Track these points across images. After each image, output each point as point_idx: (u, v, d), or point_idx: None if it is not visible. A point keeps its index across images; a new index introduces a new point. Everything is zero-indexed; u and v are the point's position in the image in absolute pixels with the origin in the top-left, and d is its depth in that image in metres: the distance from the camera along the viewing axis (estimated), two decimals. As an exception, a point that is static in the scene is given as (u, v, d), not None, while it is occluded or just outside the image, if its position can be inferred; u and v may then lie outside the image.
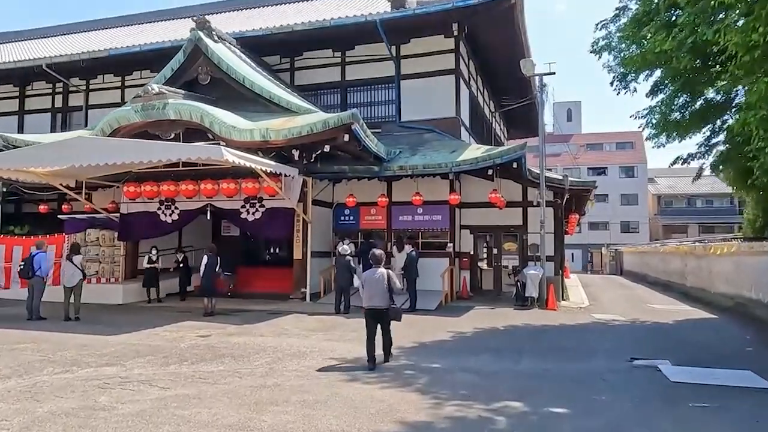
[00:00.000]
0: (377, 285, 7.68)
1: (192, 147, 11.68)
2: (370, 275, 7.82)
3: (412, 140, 17.06)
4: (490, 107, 24.77)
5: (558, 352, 8.93)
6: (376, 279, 7.73)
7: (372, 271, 7.90)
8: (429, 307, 13.98)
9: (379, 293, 7.66)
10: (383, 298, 7.66)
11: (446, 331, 10.67)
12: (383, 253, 8.45)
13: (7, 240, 19.29)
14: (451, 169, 14.56)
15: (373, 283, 7.72)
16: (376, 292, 7.67)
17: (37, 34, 28.47)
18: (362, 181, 16.95)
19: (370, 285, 7.73)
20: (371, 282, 7.74)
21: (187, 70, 16.22)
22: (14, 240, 19.26)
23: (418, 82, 18.17)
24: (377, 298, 7.67)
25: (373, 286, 7.70)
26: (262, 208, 15.68)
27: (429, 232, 17.07)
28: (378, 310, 7.69)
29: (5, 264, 18.69)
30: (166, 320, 11.69)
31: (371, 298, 7.71)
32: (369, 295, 7.72)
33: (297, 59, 19.51)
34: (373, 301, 7.69)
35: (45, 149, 12.61)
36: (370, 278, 7.79)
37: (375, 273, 7.82)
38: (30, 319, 11.98)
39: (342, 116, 13.19)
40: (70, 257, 12.85)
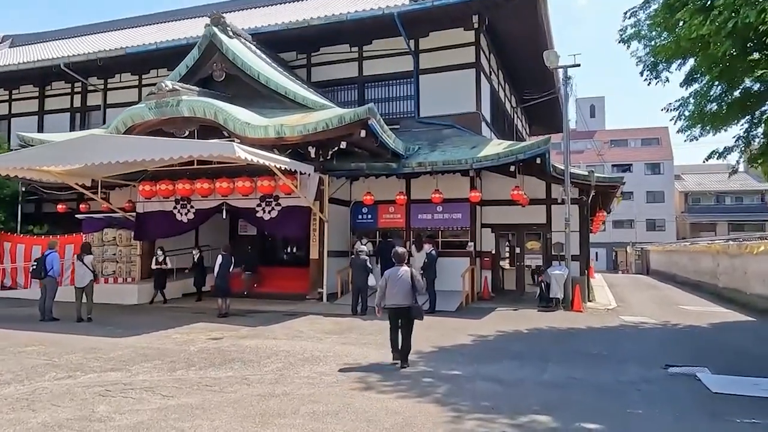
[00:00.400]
0: (401, 283, 7.62)
1: (203, 144, 11.38)
2: (394, 273, 7.74)
3: (432, 136, 16.58)
4: (511, 102, 24.13)
5: (586, 358, 8.39)
6: (399, 277, 7.66)
7: (395, 269, 7.82)
8: (449, 309, 13.50)
9: (403, 291, 7.60)
10: (406, 297, 7.61)
11: (467, 334, 10.19)
12: (405, 251, 8.28)
13: (27, 239, 19.35)
14: (472, 166, 14.04)
15: (396, 281, 7.64)
16: (399, 291, 7.60)
17: (56, 36, 28.61)
18: (380, 179, 16.52)
19: (393, 283, 7.65)
20: (394, 280, 7.66)
21: (202, 67, 15.96)
22: (33, 240, 19.34)
23: (437, 77, 17.67)
24: (400, 296, 7.61)
25: (396, 285, 7.63)
26: (278, 206, 15.37)
27: (449, 230, 16.57)
28: (400, 308, 7.63)
29: (25, 264, 18.75)
30: (179, 322, 11.42)
31: (394, 296, 7.63)
32: (392, 293, 7.64)
33: (314, 55, 19.16)
34: (395, 299, 7.62)
35: (56, 148, 12.43)
36: (393, 276, 7.70)
37: (398, 271, 7.74)
38: (42, 320, 11.82)
39: (358, 111, 12.78)
40: (81, 257, 12.65)
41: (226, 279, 12.75)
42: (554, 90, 21.81)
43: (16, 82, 22.97)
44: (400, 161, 14.63)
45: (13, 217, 20.15)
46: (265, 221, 15.62)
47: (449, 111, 17.28)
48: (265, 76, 15.11)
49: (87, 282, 12.46)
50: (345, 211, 17.14)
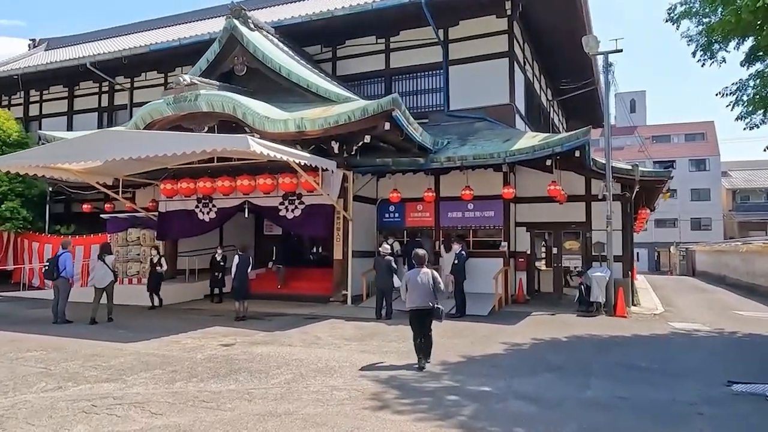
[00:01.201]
0: (422, 285, 7.50)
1: (217, 138, 10.82)
2: (414, 275, 7.61)
3: (462, 130, 15.69)
4: (547, 95, 23.00)
5: (635, 373, 7.42)
6: (420, 279, 7.53)
7: (416, 271, 7.68)
8: (480, 313, 12.61)
9: (424, 293, 7.48)
10: (428, 299, 7.48)
11: (499, 342, 9.30)
12: (426, 252, 8.02)
13: (54, 239, 19.25)
14: (505, 160, 13.11)
15: (417, 283, 7.52)
16: (420, 293, 7.48)
17: (88, 38, 28.74)
18: (407, 175, 15.72)
19: (414, 285, 7.54)
20: (415, 282, 7.54)
21: (223, 61, 15.48)
22: (60, 239, 19.24)
23: (467, 68, 16.77)
24: (422, 298, 7.48)
25: (417, 287, 7.51)
26: (302, 205, 14.74)
27: (481, 229, 15.66)
28: (423, 310, 7.51)
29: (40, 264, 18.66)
30: (194, 325, 10.87)
31: (415, 299, 7.51)
32: (413, 296, 7.53)
33: (339, 48, 18.50)
34: (417, 301, 7.50)
35: (69, 145, 12.06)
36: (413, 278, 7.58)
37: (419, 273, 7.61)
38: (55, 323, 11.45)
39: (382, 102, 12.01)
40: (102, 257, 12.26)
41: (245, 280, 12.17)
42: (593, 80, 20.59)
43: (47, 82, 23.07)
44: (428, 156, 13.81)
45: (41, 217, 20.14)
46: (289, 220, 15.02)
47: (480, 103, 16.37)
48: (287, 68, 14.51)
49: (107, 282, 12.08)
50: (371, 209, 16.40)
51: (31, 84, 23.12)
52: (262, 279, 17.80)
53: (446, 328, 10.56)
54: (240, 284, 12.04)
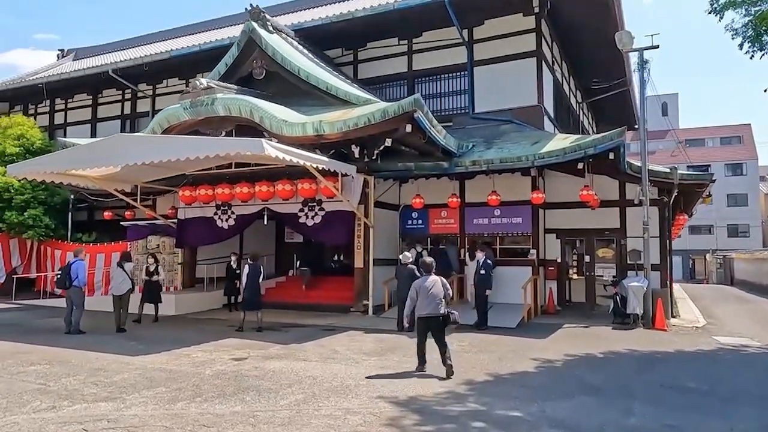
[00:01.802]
0: (432, 292, 7.57)
1: (230, 141, 10.41)
2: (422, 283, 7.71)
3: (488, 133, 15.04)
4: (576, 97, 22.19)
5: (682, 395, 6.68)
6: (428, 286, 7.62)
7: (424, 278, 7.78)
8: (508, 325, 11.92)
9: (435, 301, 7.55)
10: (439, 305, 7.56)
11: (529, 358, 8.62)
12: (433, 260, 8.11)
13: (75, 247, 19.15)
14: (534, 163, 12.43)
15: (426, 290, 7.59)
16: (431, 300, 7.54)
17: (115, 47, 28.93)
18: (431, 180, 15.15)
19: (424, 293, 7.59)
20: (424, 290, 7.61)
21: (242, 65, 15.17)
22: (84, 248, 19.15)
23: (493, 68, 16.14)
24: (432, 305, 7.54)
25: (427, 294, 7.57)
26: (322, 211, 14.29)
27: (508, 236, 14.96)
28: (434, 317, 7.53)
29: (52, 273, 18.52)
30: (208, 336, 10.44)
31: (426, 306, 7.54)
32: (423, 304, 7.55)
33: (360, 51, 18.06)
34: (428, 308, 7.53)
35: (80, 150, 11.83)
36: (422, 286, 7.66)
37: (426, 280, 7.71)
38: (67, 333, 11.13)
39: (403, 104, 11.48)
40: (122, 264, 11.98)
41: (257, 290, 11.72)
42: (624, 79, 19.74)
43: (71, 91, 23.18)
44: (452, 160, 13.20)
45: (64, 225, 20.08)
46: (309, 227, 14.57)
47: (507, 105, 15.71)
48: (306, 71, 14.10)
49: (125, 290, 11.79)
50: (393, 215, 15.85)
51: (56, 93, 23.27)
52: (282, 288, 17.40)
53: (472, 342, 9.94)
54: (251, 294, 11.59)
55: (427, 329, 7.56)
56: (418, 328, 7.69)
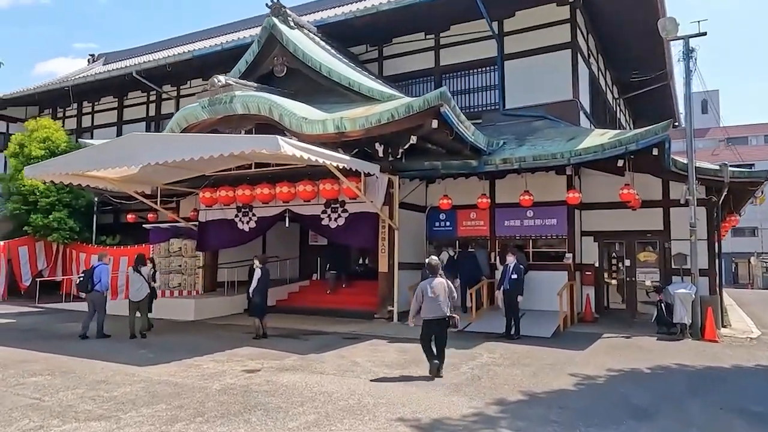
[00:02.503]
0: (436, 295, 7.60)
1: (245, 139, 9.90)
2: (428, 284, 7.70)
3: (519, 129, 14.23)
4: (612, 92, 21.11)
5: (749, 422, 5.81)
6: (433, 288, 7.65)
7: (429, 280, 7.77)
8: (543, 334, 11.10)
9: (439, 302, 7.59)
10: (442, 307, 7.59)
11: (567, 373, 7.82)
12: (439, 262, 8.17)
13: (99, 250, 19.00)
14: (569, 161, 11.58)
15: (431, 292, 7.62)
16: (435, 302, 7.59)
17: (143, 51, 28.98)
18: (459, 180, 14.40)
19: (428, 295, 7.62)
20: (429, 292, 7.63)
21: (263, 63, 14.69)
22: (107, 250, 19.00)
23: (525, 62, 15.31)
24: (437, 308, 7.59)
25: (431, 297, 7.60)
26: (345, 213, 13.71)
27: (542, 239, 14.12)
28: (437, 319, 7.61)
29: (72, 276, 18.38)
30: (223, 344, 9.92)
31: (431, 308, 7.60)
32: (428, 306, 7.61)
33: (385, 47, 17.43)
34: (433, 311, 7.59)
35: (94, 151, 11.46)
36: (428, 288, 7.67)
37: (432, 282, 7.72)
38: (83, 337, 10.79)
39: (428, 97, 10.78)
40: (138, 268, 11.55)
41: (265, 296, 11.16)
42: (665, 72, 18.64)
43: (98, 93, 23.17)
44: (481, 158, 12.45)
45: (89, 228, 20.01)
46: (332, 229, 14.01)
47: (540, 100, 14.87)
48: (327, 66, 13.53)
49: (144, 296, 11.37)
50: (419, 217, 15.17)
51: (83, 96, 23.30)
52: (305, 292, 16.90)
53: (503, 353, 9.19)
54: (262, 300, 11.04)
55: (431, 331, 7.63)
56: (422, 331, 7.73)
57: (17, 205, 18.98)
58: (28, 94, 23.35)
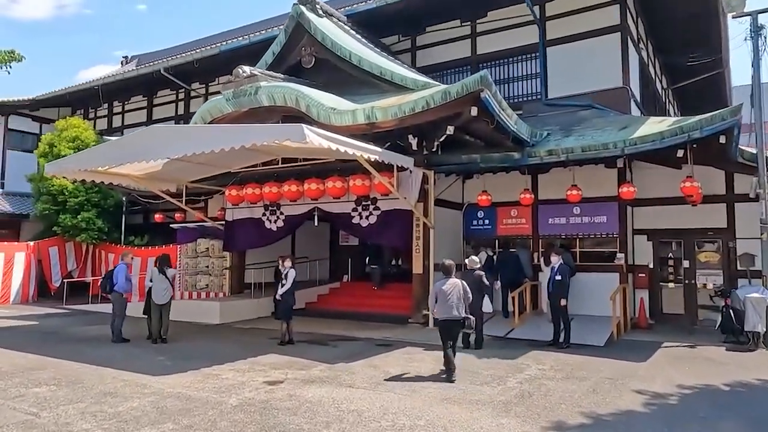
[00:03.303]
0: (450, 295, 7.57)
1: (267, 128, 9.16)
2: (441, 286, 7.69)
3: (564, 120, 13.16)
4: (661, 82, 19.75)
5: None
6: (447, 289, 7.62)
7: (443, 281, 7.76)
8: (595, 343, 10.05)
9: (453, 304, 7.53)
10: (456, 309, 7.54)
11: (632, 390, 6.81)
12: (453, 263, 8.07)
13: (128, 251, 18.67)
14: (624, 151, 10.48)
15: (445, 293, 7.60)
16: (449, 303, 7.54)
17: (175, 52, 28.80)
18: (499, 175, 13.40)
19: (443, 296, 7.61)
20: (443, 293, 7.61)
21: (290, 53, 13.99)
22: (134, 251, 18.63)
23: (569, 48, 14.21)
24: (451, 308, 7.53)
25: (445, 297, 7.57)
26: (377, 211, 12.89)
27: (589, 238, 13.02)
28: (452, 321, 7.55)
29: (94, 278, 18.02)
30: (246, 351, 9.20)
31: (445, 310, 7.55)
32: (443, 307, 7.59)
33: (418, 35, 16.55)
34: (447, 311, 7.54)
35: (116, 145, 10.94)
36: (442, 289, 7.65)
37: (445, 283, 7.71)
38: (114, 341, 10.29)
39: (467, 82, 9.86)
40: (163, 270, 10.93)
41: (292, 298, 10.42)
42: (720, 57, 17.24)
43: (128, 93, 22.95)
44: (524, 150, 11.44)
45: (117, 228, 19.70)
46: (363, 228, 13.20)
47: (586, 89, 13.75)
48: (357, 55, 12.73)
49: (169, 299, 10.76)
50: (455, 215, 14.25)
51: (113, 96, 23.10)
52: (336, 294, 16.14)
53: (554, 365, 8.22)
54: (289, 303, 10.31)
55: (448, 333, 7.52)
56: (439, 332, 7.67)
57: (47, 205, 18.78)
58: (59, 95, 23.30)
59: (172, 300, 10.88)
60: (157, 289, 10.77)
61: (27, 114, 24.52)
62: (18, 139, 24.45)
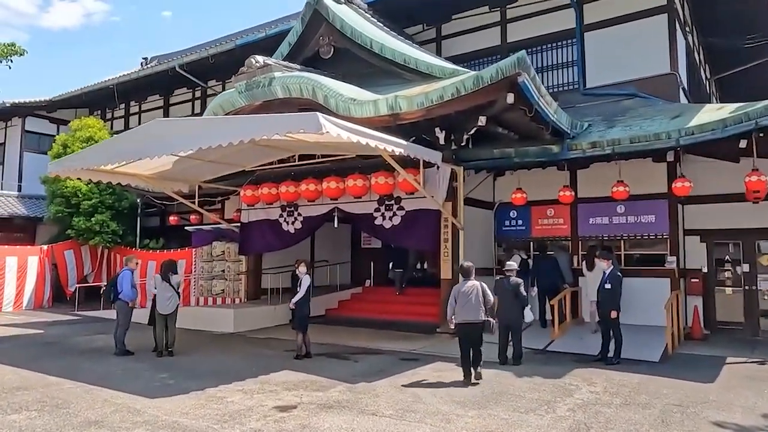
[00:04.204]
0: (468, 297, 7.34)
1: (278, 119, 8.23)
2: (461, 287, 7.49)
3: (605, 110, 12.02)
4: (706, 72, 18.39)
5: None
6: (466, 291, 7.41)
7: (462, 283, 7.57)
8: (648, 358, 8.92)
9: (473, 306, 7.32)
10: (476, 312, 7.33)
11: (709, 421, 5.70)
12: (472, 264, 7.78)
13: (143, 254, 17.95)
14: (679, 142, 9.32)
15: (464, 296, 7.39)
16: (469, 306, 7.32)
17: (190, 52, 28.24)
18: (534, 172, 12.34)
19: (462, 298, 7.38)
20: (462, 295, 7.40)
21: (307, 44, 13.11)
22: (149, 254, 18.01)
23: (609, 33, 13.06)
24: (470, 311, 7.32)
25: (464, 299, 7.36)
26: (401, 210, 11.93)
27: (634, 239, 11.85)
28: (472, 324, 7.33)
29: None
30: (258, 367, 8.30)
31: (464, 312, 7.34)
32: (462, 311, 7.34)
33: (444, 24, 15.54)
34: (466, 314, 7.33)
35: (119, 141, 10.18)
36: (460, 291, 7.46)
37: (464, 285, 7.49)
38: (116, 354, 9.50)
39: (502, 66, 8.81)
40: (167, 277, 10.07)
41: (307, 306, 9.51)
42: None
43: (144, 92, 22.41)
44: (563, 143, 10.34)
45: (132, 231, 19.08)
46: (386, 230, 12.23)
47: (628, 76, 12.59)
48: (379, 42, 11.79)
49: (174, 308, 9.89)
50: (486, 215, 13.21)
51: (129, 95, 22.61)
52: (358, 300, 15.23)
53: (607, 386, 7.15)
54: (306, 311, 9.41)
55: (467, 337, 7.32)
56: (458, 336, 7.49)
57: (60, 207, 18.22)
58: (75, 95, 22.84)
59: (179, 308, 10.03)
60: (161, 297, 9.89)
61: (44, 116, 24.17)
62: (35, 141, 24.09)
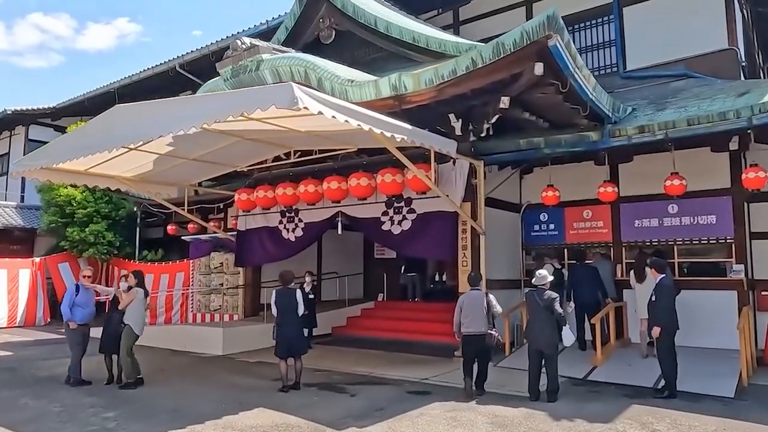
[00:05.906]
0: (474, 307, 7.03)
1: (243, 94, 6.69)
2: (467, 297, 7.17)
3: (651, 93, 10.25)
4: (758, 57, 16.37)
5: None
6: (472, 301, 7.10)
7: (469, 292, 7.23)
8: (719, 392, 7.07)
9: (478, 317, 7.00)
10: (481, 322, 6.99)
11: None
12: (479, 273, 7.59)
13: (140, 267, 16.70)
14: (752, 121, 7.47)
15: (470, 306, 7.07)
16: (475, 316, 7.01)
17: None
18: (567, 167, 10.52)
19: (468, 308, 7.07)
20: (468, 305, 7.08)
21: (306, 28, 11.72)
22: (147, 266, 16.70)
23: (652, 6, 11.34)
24: (475, 322, 7.00)
25: (470, 309, 7.05)
26: (412, 214, 10.32)
27: (692, 244, 9.97)
28: (476, 336, 6.99)
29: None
30: (227, 403, 6.72)
31: (469, 323, 7.02)
32: (467, 321, 7.03)
33: (462, 7, 13.97)
34: (471, 325, 7.01)
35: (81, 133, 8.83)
36: (467, 301, 7.12)
37: (471, 294, 7.18)
38: (70, 384, 8.06)
39: (527, 28, 7.10)
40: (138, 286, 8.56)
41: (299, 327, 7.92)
42: None
43: (147, 95, 21.11)
44: (604, 129, 8.60)
45: (131, 242, 17.84)
46: (395, 236, 10.62)
47: (677, 55, 10.82)
48: (384, 20, 10.28)
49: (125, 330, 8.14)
50: (512, 219, 11.47)
51: (132, 100, 21.33)
52: (368, 316, 13.59)
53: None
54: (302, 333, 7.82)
55: (472, 348, 7.04)
56: (462, 348, 7.23)
57: (54, 217, 17.11)
58: (78, 101, 21.91)
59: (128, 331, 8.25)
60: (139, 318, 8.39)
61: (48, 124, 23.38)
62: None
